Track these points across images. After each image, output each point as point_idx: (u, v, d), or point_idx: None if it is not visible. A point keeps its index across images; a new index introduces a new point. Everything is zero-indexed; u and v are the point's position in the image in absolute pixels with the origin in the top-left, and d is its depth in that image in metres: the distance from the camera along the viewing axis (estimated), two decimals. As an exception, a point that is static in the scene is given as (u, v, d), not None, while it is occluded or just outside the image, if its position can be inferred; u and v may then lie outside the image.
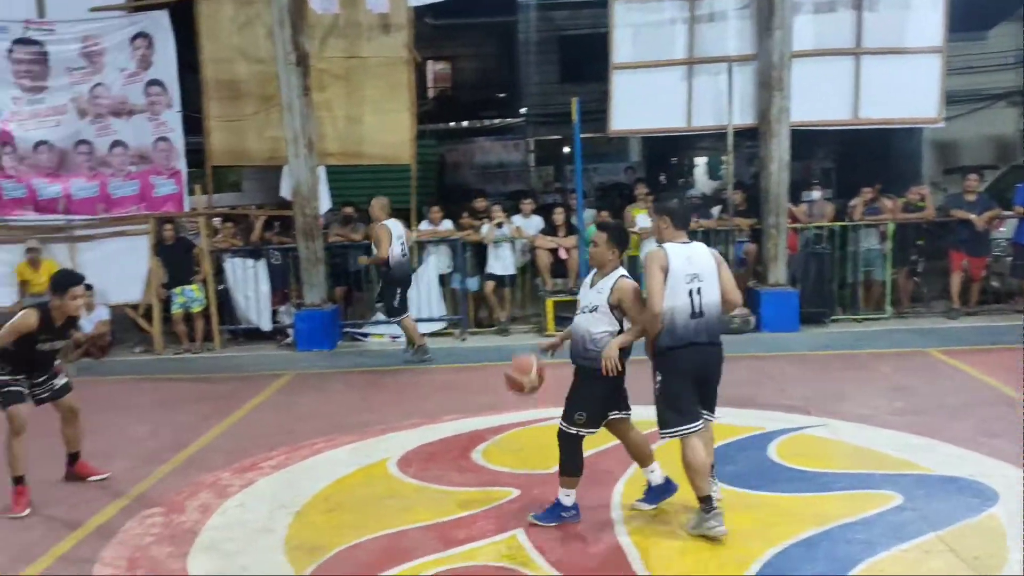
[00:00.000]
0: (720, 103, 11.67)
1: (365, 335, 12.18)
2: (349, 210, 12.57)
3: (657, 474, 5.66)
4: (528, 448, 7.04)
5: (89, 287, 11.74)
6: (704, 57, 11.68)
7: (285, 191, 11.95)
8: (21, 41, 11.78)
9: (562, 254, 11.78)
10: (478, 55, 24.21)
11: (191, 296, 11.76)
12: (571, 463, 5.49)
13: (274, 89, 11.55)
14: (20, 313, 6.29)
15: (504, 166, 21.63)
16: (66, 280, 6.51)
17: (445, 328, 12.17)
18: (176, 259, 11.89)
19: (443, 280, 12.25)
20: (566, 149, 21.15)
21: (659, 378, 5.29)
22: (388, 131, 12.09)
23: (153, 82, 11.88)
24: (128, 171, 12.13)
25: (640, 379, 5.48)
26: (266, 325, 12.11)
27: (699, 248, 5.38)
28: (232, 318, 12.26)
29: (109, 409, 9.17)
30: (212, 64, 12.02)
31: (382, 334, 12.07)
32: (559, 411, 5.45)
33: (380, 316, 11.82)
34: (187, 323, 11.90)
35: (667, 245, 5.32)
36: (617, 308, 5.31)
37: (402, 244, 10.44)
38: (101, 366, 11.25)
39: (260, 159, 12.44)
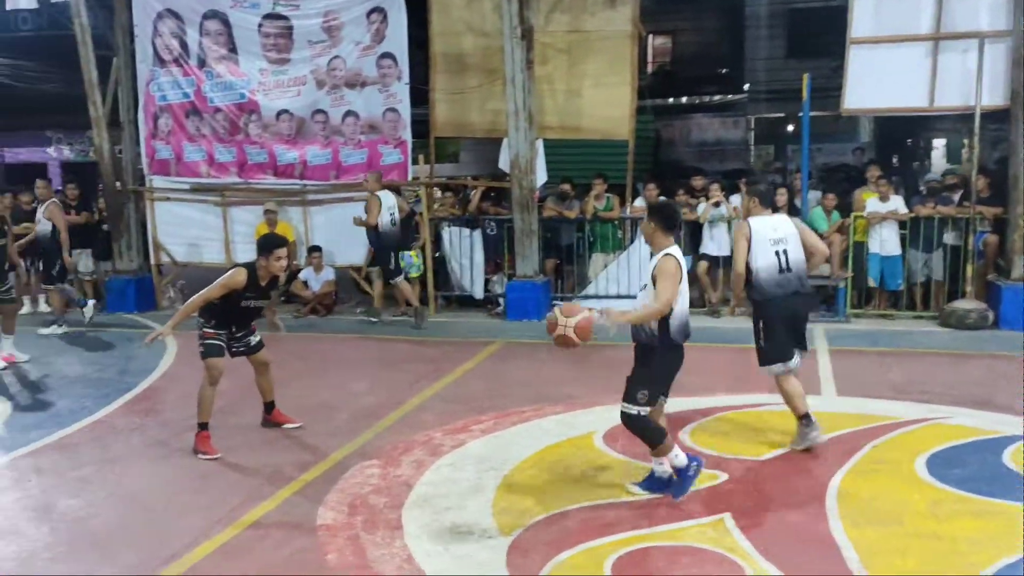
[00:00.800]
0: (967, 82, 10.82)
1: (574, 308, 12.24)
2: (566, 187, 12.64)
3: (666, 467, 5.60)
4: (739, 432, 6.86)
5: (318, 249, 12.55)
6: (952, 33, 10.85)
7: (503, 163, 12.17)
8: (270, 16, 12.60)
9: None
10: (700, 29, 23.67)
11: (410, 262, 12.23)
12: (652, 436, 5.52)
13: (498, 62, 11.77)
14: (230, 270, 6.69)
15: (721, 144, 21.11)
16: (271, 242, 6.79)
17: (655, 307, 12.02)
18: (399, 225, 12.38)
19: (655, 258, 12.09)
20: (789, 127, 20.34)
21: (760, 324, 6.45)
22: (607, 106, 12.05)
23: (385, 55, 12.38)
24: (358, 140, 12.74)
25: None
26: (479, 293, 12.44)
27: (782, 218, 6.75)
28: (447, 284, 12.68)
29: (332, 364, 9.74)
30: (440, 38, 12.39)
31: (592, 308, 12.07)
32: (774, 398, 5.27)
33: (590, 290, 11.86)
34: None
35: (751, 219, 6.54)
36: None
37: (392, 214, 11.24)
38: (326, 323, 12.03)
39: (481, 131, 12.73)
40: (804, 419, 6.35)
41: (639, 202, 12.24)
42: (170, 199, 13.41)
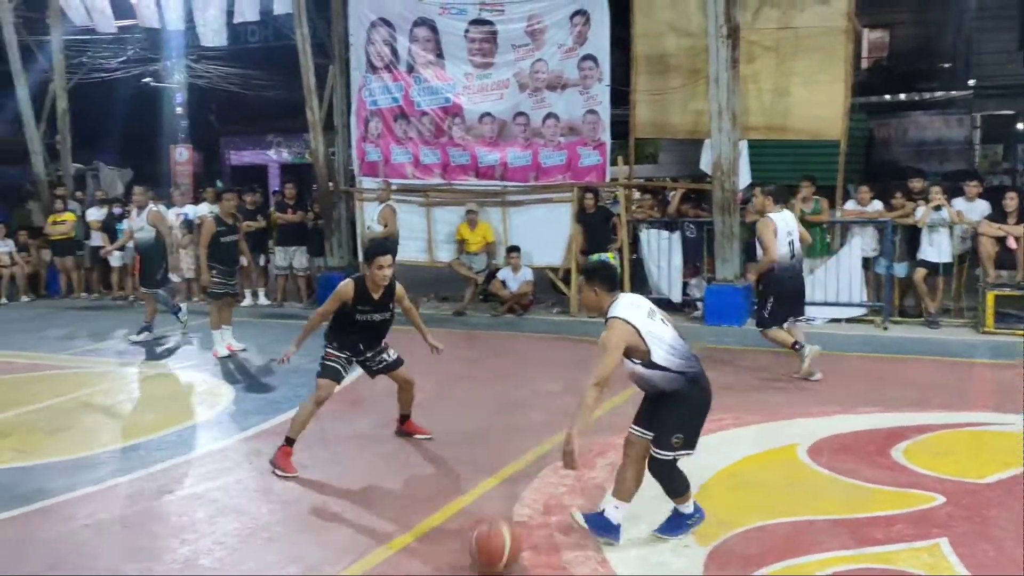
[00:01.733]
0: None
1: (776, 315, 11.83)
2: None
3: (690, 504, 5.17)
4: (958, 453, 6.38)
5: (516, 249, 12.74)
6: None
7: (705, 164, 11.93)
8: (476, 22, 12.92)
9: (1011, 243, 10.48)
10: (920, 21, 22.29)
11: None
12: (678, 485, 5.07)
13: (702, 62, 11.55)
14: (342, 282, 6.47)
15: (942, 143, 19.75)
16: (374, 250, 6.41)
17: (865, 315, 11.43)
18: (595, 227, 12.41)
19: (867, 264, 11.50)
20: (1020, 125, 18.81)
21: (771, 299, 8.46)
22: (817, 104, 11.56)
23: (587, 57, 12.42)
24: (558, 142, 12.84)
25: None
26: (676, 296, 12.25)
27: (789, 214, 8.66)
28: (643, 287, 12.53)
29: (528, 364, 9.85)
30: (643, 39, 12.30)
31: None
32: (997, 417, 4.84)
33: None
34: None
35: (771, 215, 8.42)
36: None
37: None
38: (522, 322, 12.19)
39: (683, 132, 12.53)
40: (795, 346, 8.44)
41: (850, 205, 11.66)
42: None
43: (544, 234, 12.71)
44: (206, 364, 10.05)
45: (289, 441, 6.34)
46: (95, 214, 15.31)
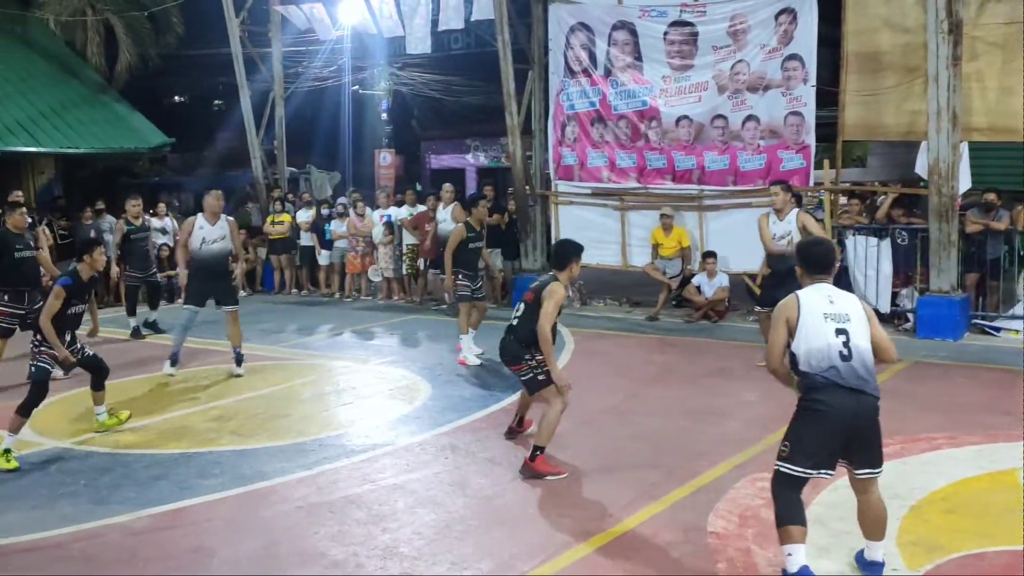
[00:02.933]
0: None
1: (998, 329, 11.00)
2: (991, 196, 11.32)
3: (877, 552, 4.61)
4: None
5: (712, 255, 12.48)
6: None
7: (920, 168, 11.25)
8: (676, 23, 12.75)
9: None
10: None
11: (808, 271, 11.71)
12: (779, 509, 4.46)
13: (919, 60, 10.91)
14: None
15: None
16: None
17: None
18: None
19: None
20: None
21: (770, 287, 9.22)
22: (1050, 104, 10.64)
23: (792, 57, 11.99)
24: (757, 145, 12.47)
25: None
26: (884, 307, 11.59)
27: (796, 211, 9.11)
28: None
29: (722, 371, 9.62)
30: (854, 36, 11.73)
31: (1018, 330, 10.78)
32: None
33: (1018, 310, 10.58)
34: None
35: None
36: None
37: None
38: (718, 329, 11.93)
39: (896, 134, 11.86)
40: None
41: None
42: (573, 203, 14.09)
43: (742, 239, 12.34)
44: (406, 360, 10.42)
45: (539, 449, 6.35)
46: (304, 215, 16.23)
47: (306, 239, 16.12)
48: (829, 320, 4.47)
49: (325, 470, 6.51)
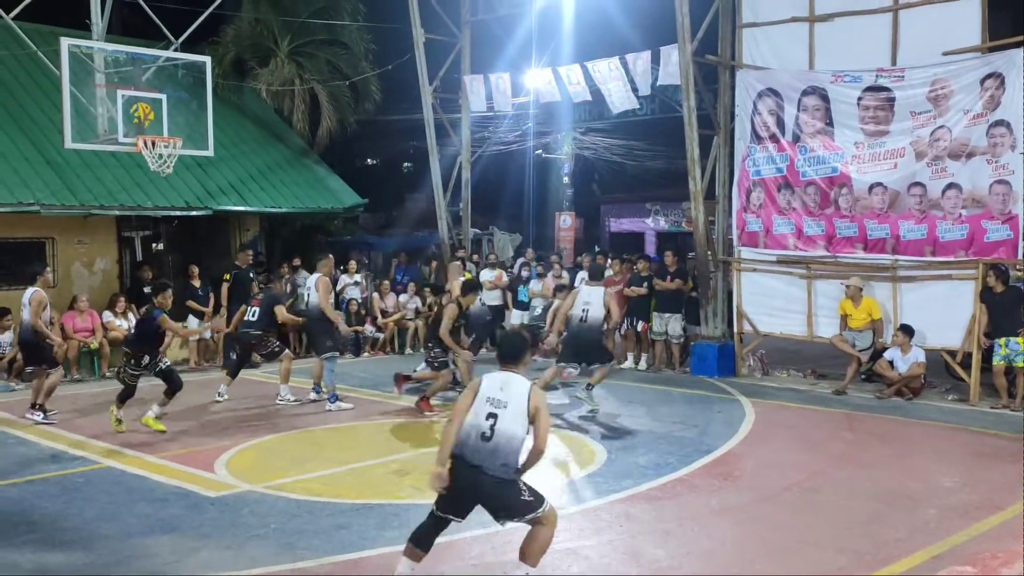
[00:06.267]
0: None
1: None
2: None
3: None
4: None
5: (907, 329, 11.82)
6: None
7: None
8: (872, 88, 12.34)
9: None
10: None
11: (1016, 349, 10.93)
12: (417, 529, 5.43)
13: None
14: None
15: None
16: None
17: None
18: (1003, 308, 11.18)
19: None
20: None
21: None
22: None
23: (998, 123, 11.35)
24: (959, 214, 11.81)
25: None
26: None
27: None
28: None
29: (917, 452, 9.08)
30: (1068, 100, 11.00)
31: None
32: None
33: None
34: (1008, 376, 11.10)
35: None
36: None
37: None
38: (912, 407, 11.26)
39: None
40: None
41: None
42: (757, 270, 13.76)
43: (940, 313, 11.69)
44: (583, 424, 10.39)
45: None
46: (488, 275, 16.60)
47: (489, 298, 16.45)
48: (487, 403, 5.21)
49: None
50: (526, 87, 18.46)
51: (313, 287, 11.32)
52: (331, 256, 11.73)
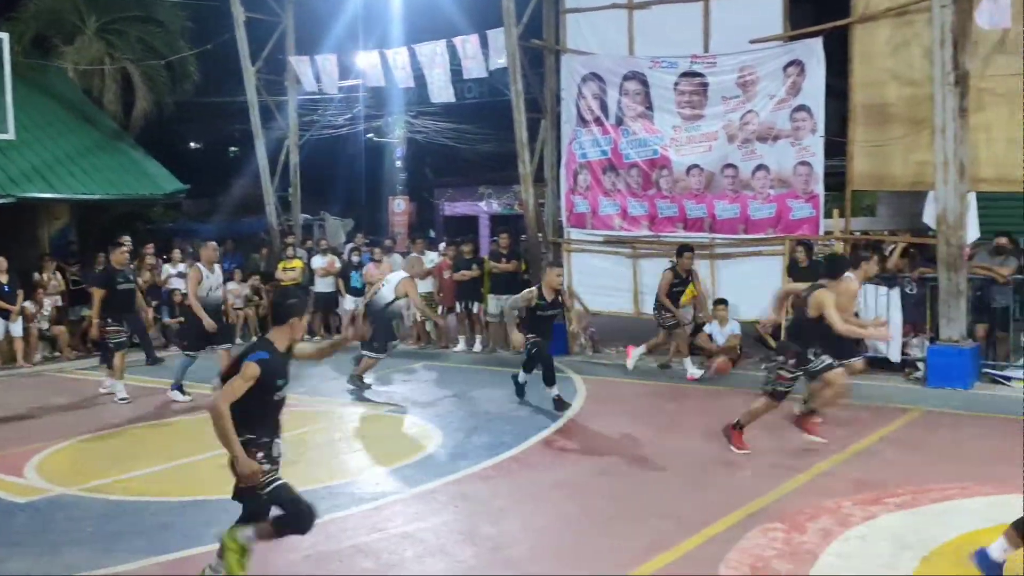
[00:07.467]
0: None
1: (1008, 378, 10.96)
2: (1003, 240, 11.39)
3: None
4: None
5: (724, 302, 12.51)
6: None
7: (928, 218, 11.31)
8: (687, 74, 12.92)
9: None
10: None
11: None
12: None
13: (925, 112, 11.01)
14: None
15: None
16: None
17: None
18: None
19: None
20: None
21: None
22: (1060, 155, 10.70)
23: (800, 108, 12.12)
24: (767, 194, 12.55)
25: None
26: (895, 356, 11.58)
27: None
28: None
29: (733, 419, 9.60)
30: (861, 88, 11.87)
31: (1030, 381, 10.74)
32: None
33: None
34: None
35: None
36: None
37: None
38: (729, 377, 11.91)
39: (904, 184, 11.95)
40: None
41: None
42: (585, 250, 14.17)
43: (753, 287, 12.40)
44: (417, 407, 10.44)
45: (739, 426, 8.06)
46: (319, 262, 16.34)
47: (322, 285, 16.20)
48: None
49: (335, 518, 6.51)
50: (355, 69, 18.21)
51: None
52: (210, 243, 11.38)
